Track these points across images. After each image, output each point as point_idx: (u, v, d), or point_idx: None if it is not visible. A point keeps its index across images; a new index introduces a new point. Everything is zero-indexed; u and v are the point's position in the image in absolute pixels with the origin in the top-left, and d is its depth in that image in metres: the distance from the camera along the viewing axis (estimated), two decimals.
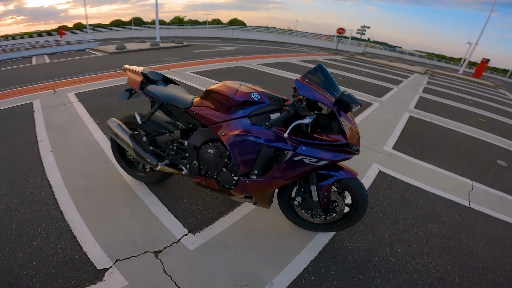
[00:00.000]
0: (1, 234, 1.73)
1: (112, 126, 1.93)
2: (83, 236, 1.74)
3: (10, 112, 3.84)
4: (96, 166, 2.50)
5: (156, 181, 2.19)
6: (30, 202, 2.03)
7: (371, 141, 3.57)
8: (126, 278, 1.48)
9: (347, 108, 1.28)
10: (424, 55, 34.61)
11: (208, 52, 12.33)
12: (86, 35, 25.00)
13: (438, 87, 9.64)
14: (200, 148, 1.66)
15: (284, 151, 1.45)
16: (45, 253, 1.62)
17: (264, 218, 1.99)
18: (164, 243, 1.71)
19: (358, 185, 1.52)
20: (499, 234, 2.20)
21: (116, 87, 5.24)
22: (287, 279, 1.56)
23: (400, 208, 2.31)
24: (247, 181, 1.54)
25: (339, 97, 1.26)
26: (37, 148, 2.80)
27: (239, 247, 1.73)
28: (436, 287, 1.65)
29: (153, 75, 1.88)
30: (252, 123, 1.47)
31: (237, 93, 1.48)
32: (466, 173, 3.14)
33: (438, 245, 1.98)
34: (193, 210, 2.01)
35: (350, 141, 1.32)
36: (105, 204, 2.02)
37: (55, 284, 1.44)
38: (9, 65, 10.43)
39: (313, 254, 1.75)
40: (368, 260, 1.77)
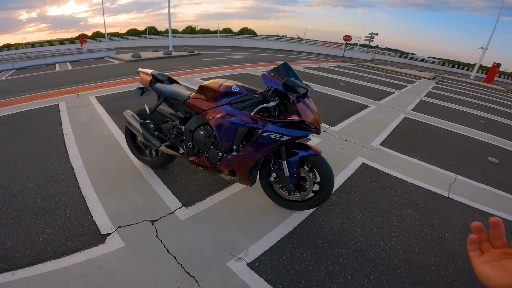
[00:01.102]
0: (27, 206, 2.09)
1: (127, 116, 2.36)
2: (94, 208, 2.09)
3: (39, 112, 4.39)
4: (111, 154, 2.92)
5: (160, 165, 2.58)
6: (55, 181, 2.44)
7: (360, 138, 3.81)
8: (124, 241, 1.78)
9: (294, 91, 1.61)
10: (436, 61, 34.08)
11: (217, 60, 12.95)
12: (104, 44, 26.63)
13: (443, 91, 9.66)
14: (194, 131, 2.03)
15: (256, 130, 1.78)
16: (61, 221, 1.94)
17: (249, 197, 2.29)
18: (160, 214, 2.04)
19: (323, 162, 1.81)
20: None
21: (131, 91, 5.76)
22: (261, 248, 1.79)
23: (377, 195, 2.52)
24: (228, 156, 1.88)
25: (284, 82, 1.60)
26: (63, 140, 3.26)
27: (224, 219, 2.03)
28: (401, 268, 1.74)
29: (160, 76, 2.32)
30: (232, 109, 1.82)
31: (221, 86, 1.87)
32: (452, 167, 3.27)
33: (409, 230, 2.10)
34: (189, 189, 2.36)
35: (304, 119, 1.63)
36: (116, 183, 2.40)
37: (64, 247, 1.72)
38: (34, 71, 11.41)
39: (289, 229, 1.97)
40: (339, 238, 1.95)
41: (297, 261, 1.72)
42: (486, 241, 0.44)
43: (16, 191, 2.27)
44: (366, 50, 28.28)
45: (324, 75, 9.80)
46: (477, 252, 0.44)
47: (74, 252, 1.69)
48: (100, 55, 17.15)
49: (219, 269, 1.62)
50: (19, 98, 5.38)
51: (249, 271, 1.62)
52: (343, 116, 4.76)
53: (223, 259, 1.69)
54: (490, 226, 0.44)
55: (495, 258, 0.41)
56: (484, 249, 0.44)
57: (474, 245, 0.45)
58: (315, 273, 1.65)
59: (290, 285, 1.56)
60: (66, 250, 1.70)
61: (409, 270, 1.73)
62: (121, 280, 1.52)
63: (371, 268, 1.72)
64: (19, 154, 2.93)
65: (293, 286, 1.56)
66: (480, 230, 0.45)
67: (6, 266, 1.58)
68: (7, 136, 3.40)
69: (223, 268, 1.63)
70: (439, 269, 1.76)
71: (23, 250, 1.71)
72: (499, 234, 0.43)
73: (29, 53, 21.15)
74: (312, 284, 1.57)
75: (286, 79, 1.61)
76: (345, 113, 4.99)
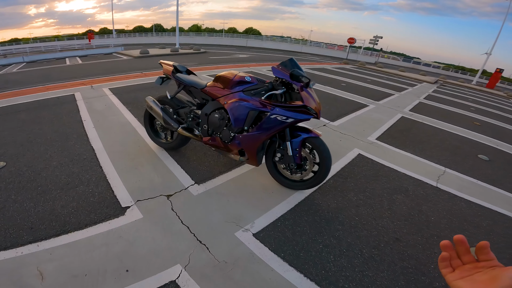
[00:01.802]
0: (52, 182, 2.29)
1: (149, 101, 2.63)
2: (115, 184, 2.32)
3: (56, 100, 4.66)
4: (129, 138, 3.19)
5: (174, 148, 2.85)
6: (77, 160, 2.69)
7: (357, 132, 4.06)
8: (142, 213, 1.97)
9: (299, 80, 1.87)
10: (440, 65, 34.20)
11: (223, 59, 13.23)
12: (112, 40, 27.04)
13: (443, 95, 9.88)
14: (210, 114, 2.31)
15: (265, 113, 2.05)
16: (84, 196, 2.13)
17: (255, 178, 2.55)
18: (175, 190, 2.28)
19: (322, 143, 2.07)
20: (461, 211, 2.46)
21: (143, 84, 6.04)
22: (266, 221, 2.00)
23: (371, 181, 2.76)
24: (240, 136, 2.15)
25: (290, 72, 1.86)
26: (82, 125, 3.53)
27: (232, 196, 2.27)
28: (391, 245, 1.91)
29: (180, 67, 2.63)
30: (245, 95, 2.09)
31: (236, 76, 2.15)
32: (442, 161, 3.49)
33: (398, 212, 2.29)
34: (201, 169, 2.62)
35: (307, 104, 1.89)
36: (135, 162, 2.66)
37: (87, 219, 1.88)
38: (45, 65, 11.71)
39: (290, 206, 2.19)
40: (335, 216, 2.15)
41: (298, 234, 1.91)
42: (456, 258, 0.46)
43: (41, 169, 2.50)
44: (370, 53, 28.49)
45: (327, 76, 10.05)
46: (449, 269, 0.46)
47: (96, 224, 1.85)
48: (108, 51, 17.49)
49: (227, 238, 1.81)
50: (35, 88, 5.64)
51: (254, 241, 1.81)
52: (342, 113, 5.01)
53: (231, 230, 1.88)
54: (455, 243, 0.46)
55: (466, 273, 0.43)
56: (455, 266, 0.45)
57: (445, 262, 0.47)
58: (314, 245, 1.83)
59: (291, 254, 1.73)
60: (89, 222, 1.86)
61: (398, 247, 1.90)
62: (139, 248, 1.68)
63: (364, 243, 1.90)
64: (41, 136, 3.19)
65: (294, 255, 1.73)
66: (449, 247, 0.47)
67: (31, 238, 1.70)
68: (27, 121, 3.66)
69: (231, 238, 1.82)
70: (425, 248, 1.92)
71: (48, 222, 1.84)
72: (465, 250, 0.44)
73: (39, 48, 21.56)
74: (311, 254, 1.75)
75: (292, 70, 1.87)
76: (345, 110, 5.23)
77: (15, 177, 2.35)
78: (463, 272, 0.44)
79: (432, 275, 1.70)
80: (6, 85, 6.22)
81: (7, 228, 1.77)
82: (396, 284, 1.61)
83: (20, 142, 3.02)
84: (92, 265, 1.54)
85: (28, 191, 2.17)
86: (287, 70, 1.95)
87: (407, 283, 1.63)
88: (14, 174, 2.40)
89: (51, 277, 1.45)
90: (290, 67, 1.96)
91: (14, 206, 1.98)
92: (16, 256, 1.57)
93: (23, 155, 2.74)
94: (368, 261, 1.75)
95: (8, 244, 1.65)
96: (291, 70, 1.88)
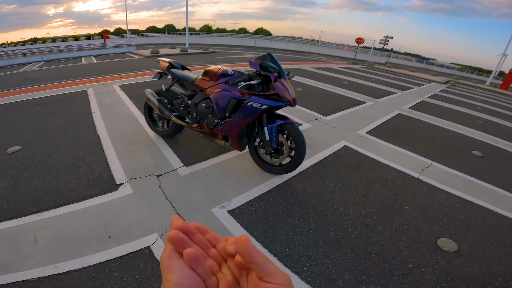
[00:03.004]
0: (60, 163, 2.61)
1: (147, 93, 2.95)
2: (113, 165, 2.61)
3: (70, 95, 5.08)
4: (131, 128, 3.51)
5: (169, 135, 3.15)
6: (84, 145, 3.01)
7: (348, 127, 4.19)
8: (133, 189, 2.23)
9: (269, 71, 2.09)
10: (455, 66, 33.15)
11: (230, 58, 13.55)
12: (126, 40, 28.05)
13: (451, 94, 9.72)
14: (198, 104, 2.57)
15: (243, 101, 2.27)
16: (86, 174, 2.43)
17: (240, 163, 2.78)
18: (165, 170, 2.54)
19: (296, 129, 2.27)
20: (438, 202, 2.47)
21: (150, 81, 6.40)
22: (242, 200, 2.20)
23: (351, 171, 2.88)
24: (222, 122, 2.39)
25: (260, 64, 2.09)
26: (91, 116, 3.89)
27: (215, 177, 2.50)
28: (359, 230, 1.99)
29: (175, 63, 2.92)
30: (226, 86, 2.33)
31: (219, 70, 2.42)
32: (430, 155, 3.50)
33: (372, 200, 2.37)
34: (191, 154, 2.88)
35: (278, 92, 2.11)
36: (133, 147, 2.96)
37: (85, 193, 2.16)
38: (62, 63, 12.42)
39: (267, 188, 2.38)
40: (309, 200, 2.28)
41: (270, 213, 2.07)
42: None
43: (51, 152, 2.83)
44: (380, 54, 28.05)
45: (331, 75, 10.12)
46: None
47: (92, 197, 2.11)
48: (121, 50, 18.23)
49: (204, 213, 2.01)
50: (51, 84, 6.13)
51: (228, 216, 2.00)
52: (337, 109, 5.13)
53: (209, 206, 2.09)
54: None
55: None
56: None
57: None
58: (283, 224, 1.97)
59: (260, 231, 1.88)
60: (86, 196, 2.13)
61: (365, 232, 1.98)
62: (124, 218, 1.90)
63: (332, 226, 2.00)
64: (54, 126, 3.55)
65: (263, 231, 1.88)
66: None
67: (34, 209, 1.95)
68: (43, 113, 4.05)
69: (208, 213, 2.02)
70: (393, 235, 1.97)
71: (51, 196, 2.10)
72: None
73: (57, 47, 22.71)
74: (279, 232, 1.89)
75: (261, 62, 2.09)
76: (340, 107, 5.35)
77: (28, 158, 2.69)
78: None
79: (394, 263, 1.75)
80: (26, 82, 6.77)
81: (15, 201, 2.06)
82: (356, 268, 1.67)
83: (35, 131, 3.38)
84: (80, 232, 1.79)
85: (38, 170, 2.49)
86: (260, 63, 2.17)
87: (367, 268, 1.68)
88: (27, 156, 2.74)
89: (44, 241, 1.70)
90: (265, 60, 2.17)
91: (25, 183, 2.29)
92: (18, 225, 1.83)
93: (37, 141, 3.09)
94: (332, 243, 1.85)
95: (14, 214, 1.92)
96: (261, 62, 2.10)
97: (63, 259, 1.58)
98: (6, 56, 19.82)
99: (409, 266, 1.76)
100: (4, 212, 1.94)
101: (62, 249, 1.65)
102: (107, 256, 1.61)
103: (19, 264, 1.54)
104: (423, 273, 1.71)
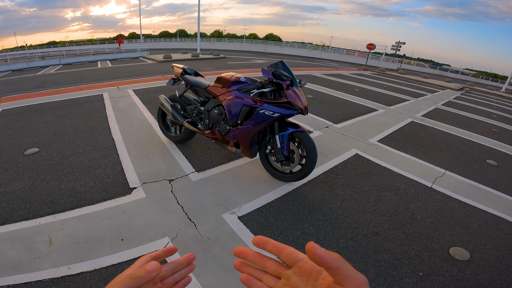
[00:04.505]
0: (76, 166, 2.69)
1: (161, 99, 3.01)
2: (127, 168, 2.67)
3: (86, 99, 5.25)
4: (144, 132, 3.59)
5: (181, 141, 3.20)
6: (99, 148, 3.10)
7: (359, 134, 4.14)
8: (146, 193, 2.28)
9: (282, 79, 2.11)
10: (469, 72, 32.32)
11: (240, 64, 13.71)
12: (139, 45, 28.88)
13: (465, 101, 9.47)
14: (210, 110, 2.61)
15: (255, 109, 2.29)
16: (101, 177, 2.49)
17: (250, 169, 2.79)
18: (177, 175, 2.59)
19: (307, 137, 2.26)
20: (451, 211, 2.43)
21: (163, 87, 6.55)
22: (252, 206, 2.21)
23: (362, 179, 2.85)
24: (234, 129, 2.41)
25: (272, 72, 2.10)
26: (106, 120, 4.01)
27: (226, 183, 2.52)
28: (369, 238, 1.96)
29: (189, 69, 2.98)
30: (239, 93, 2.36)
31: (232, 77, 2.45)
32: (444, 164, 3.44)
33: (384, 208, 2.34)
34: (202, 160, 2.92)
35: (290, 100, 2.11)
36: (146, 152, 3.02)
37: (99, 196, 2.21)
38: (79, 67, 12.90)
39: (278, 195, 2.38)
40: (319, 207, 2.27)
41: (280, 220, 2.08)
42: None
43: (68, 154, 2.93)
44: (392, 59, 27.71)
45: (342, 81, 10.06)
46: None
47: (106, 200, 2.16)
48: (135, 55, 18.78)
49: (215, 218, 2.03)
50: (69, 88, 6.36)
51: (238, 222, 2.01)
52: (348, 117, 5.09)
53: (220, 212, 2.11)
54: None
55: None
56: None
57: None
58: (292, 231, 1.97)
59: (270, 237, 1.93)
60: (100, 199, 2.18)
61: (375, 240, 1.95)
62: (137, 221, 1.94)
63: (342, 234, 1.99)
64: (71, 128, 3.68)
65: (272, 238, 1.91)
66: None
67: (50, 211, 2.01)
68: (61, 116, 4.21)
69: (218, 218, 2.03)
70: (404, 244, 1.94)
71: (67, 198, 2.16)
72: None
73: (74, 51, 23.61)
74: (288, 239, 1.88)
75: (274, 70, 2.11)
76: (351, 114, 5.30)
77: (46, 160, 2.79)
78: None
79: (404, 271, 1.71)
80: (44, 85, 7.05)
81: (32, 202, 2.14)
82: (365, 276, 1.70)
83: (53, 133, 3.52)
84: (94, 234, 1.83)
85: (55, 172, 2.57)
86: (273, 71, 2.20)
87: (377, 275, 1.65)
88: (45, 158, 2.84)
89: (58, 243, 1.75)
90: (278, 68, 2.19)
91: (42, 184, 2.37)
92: (34, 226, 1.88)
93: (55, 143, 3.21)
94: (342, 250, 1.82)
95: (30, 215, 1.99)
96: (274, 70, 2.12)
97: (77, 261, 1.62)
98: (26, 58, 20.75)
99: (419, 274, 1.73)
100: (21, 212, 2.01)
101: (75, 250, 1.70)
102: (119, 259, 1.65)
103: (33, 264, 1.58)
104: (434, 281, 1.69)
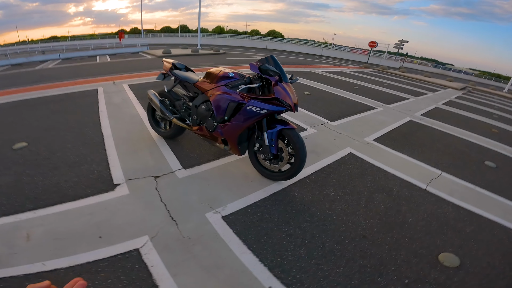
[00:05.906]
0: (63, 161, 2.62)
1: (150, 94, 2.95)
2: (113, 164, 2.61)
3: (81, 94, 5.19)
4: (135, 127, 3.54)
5: (171, 136, 3.14)
6: (88, 144, 3.04)
7: (355, 133, 4.06)
8: (129, 189, 2.22)
9: (268, 74, 2.03)
10: (473, 72, 31.99)
11: (239, 60, 13.57)
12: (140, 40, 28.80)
13: (467, 101, 9.34)
14: (198, 106, 2.54)
15: (243, 105, 2.22)
16: (86, 173, 2.42)
17: (239, 167, 2.73)
18: (163, 172, 2.52)
19: (296, 135, 2.20)
20: (445, 215, 2.35)
21: (158, 82, 6.41)
22: (238, 206, 2.13)
23: (354, 179, 2.77)
24: (221, 126, 2.35)
25: (259, 67, 2.02)
26: (98, 115, 3.95)
27: (213, 180, 2.46)
28: (357, 242, 1.90)
29: (179, 64, 2.90)
30: (226, 89, 2.29)
31: (220, 72, 2.37)
32: (440, 165, 3.34)
33: (374, 211, 2.26)
34: (191, 157, 2.86)
35: (278, 97, 2.04)
36: (135, 147, 2.97)
37: (83, 192, 2.15)
38: (78, 62, 12.83)
39: (265, 194, 2.31)
40: (307, 208, 2.20)
41: (265, 221, 2.01)
42: None
43: (56, 149, 2.87)
44: (395, 58, 27.41)
45: (341, 78, 9.94)
46: None
47: (89, 196, 2.11)
48: (135, 50, 18.68)
49: (198, 218, 1.97)
50: (65, 82, 6.29)
51: (221, 222, 1.95)
52: (345, 114, 5.00)
53: (204, 210, 2.05)
54: None
55: None
56: None
57: None
58: (277, 232, 1.90)
59: (253, 238, 1.81)
60: (83, 195, 2.12)
61: (363, 245, 1.89)
62: (118, 218, 1.90)
63: (328, 237, 1.92)
64: (63, 123, 3.63)
65: (255, 239, 1.81)
66: None
67: (31, 206, 1.96)
68: (53, 110, 4.15)
69: (201, 217, 1.97)
70: (392, 249, 1.88)
71: (50, 194, 2.10)
72: None
73: (74, 46, 23.56)
74: (273, 241, 1.82)
75: (260, 65, 2.04)
76: (348, 112, 5.22)
77: (33, 155, 2.74)
78: None
79: (389, 278, 1.66)
80: (41, 79, 6.98)
81: (15, 197, 2.09)
82: (349, 282, 1.59)
83: (44, 127, 3.47)
84: (73, 231, 1.79)
85: (41, 167, 2.52)
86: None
87: (360, 282, 1.60)
88: (33, 152, 2.79)
89: (36, 239, 1.71)
90: (267, 63, 2.12)
91: (27, 179, 2.32)
92: (14, 221, 1.83)
93: (44, 138, 3.16)
94: (327, 255, 1.77)
95: (12, 210, 1.94)
96: (261, 65, 2.05)
97: (52, 257, 1.58)
98: (26, 53, 20.71)
99: (405, 281, 1.66)
100: (3, 208, 1.97)
101: (53, 247, 1.66)
102: (96, 256, 1.61)
103: (10, 260, 1.55)
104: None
